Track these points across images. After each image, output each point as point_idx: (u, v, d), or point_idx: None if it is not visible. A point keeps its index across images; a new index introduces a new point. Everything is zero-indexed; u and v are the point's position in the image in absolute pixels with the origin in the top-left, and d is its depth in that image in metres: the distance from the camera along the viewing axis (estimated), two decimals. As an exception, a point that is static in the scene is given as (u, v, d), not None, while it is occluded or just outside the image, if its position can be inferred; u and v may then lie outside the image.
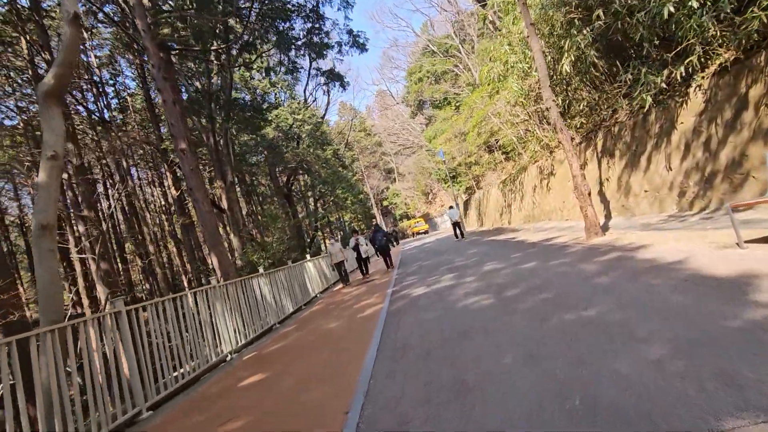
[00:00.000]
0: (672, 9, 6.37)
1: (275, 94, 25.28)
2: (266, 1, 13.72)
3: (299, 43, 15.38)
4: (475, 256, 9.84)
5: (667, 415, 1.66)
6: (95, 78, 19.30)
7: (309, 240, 30.53)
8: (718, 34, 6.27)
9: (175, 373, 5.08)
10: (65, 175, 13.37)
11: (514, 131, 19.24)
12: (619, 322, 2.84)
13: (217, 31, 14.46)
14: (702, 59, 6.69)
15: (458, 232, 18.57)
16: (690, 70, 6.78)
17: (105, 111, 17.98)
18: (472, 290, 5.56)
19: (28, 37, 12.68)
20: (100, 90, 18.34)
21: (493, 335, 3.32)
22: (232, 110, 17.40)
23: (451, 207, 19.28)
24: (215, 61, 15.11)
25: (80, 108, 18.00)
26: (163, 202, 23.22)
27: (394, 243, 45.78)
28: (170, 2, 13.78)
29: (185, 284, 22.36)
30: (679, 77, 6.87)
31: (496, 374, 2.54)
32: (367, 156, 61.63)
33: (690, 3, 6.20)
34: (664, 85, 7.26)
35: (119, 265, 17.93)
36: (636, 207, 8.81)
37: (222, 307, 6.59)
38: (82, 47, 17.93)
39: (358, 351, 4.11)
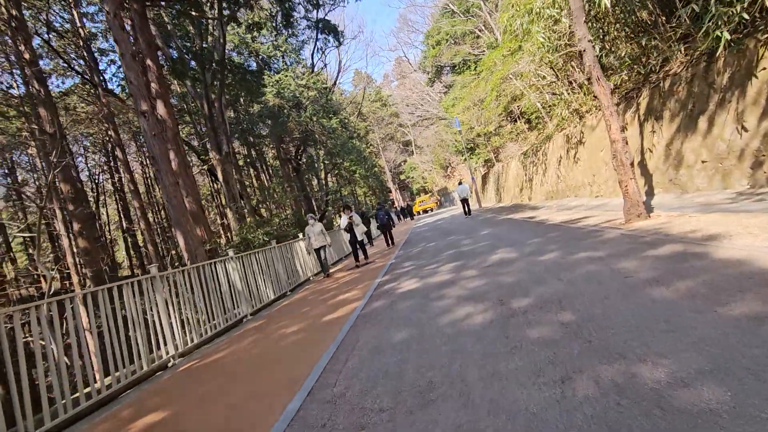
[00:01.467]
0: None
1: (282, 58, 23.56)
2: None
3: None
4: (487, 239, 8.34)
5: None
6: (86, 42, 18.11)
7: (319, 215, 29.51)
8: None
9: (81, 392, 3.95)
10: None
11: (538, 96, 17.11)
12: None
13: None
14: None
15: (466, 209, 18.10)
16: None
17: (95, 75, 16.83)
18: (468, 293, 4.14)
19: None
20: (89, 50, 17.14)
21: (469, 410, 1.92)
22: (225, 72, 15.95)
23: (460, 183, 18.59)
24: (202, 15, 13.57)
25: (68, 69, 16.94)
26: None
27: (411, 218, 44.49)
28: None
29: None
30: (770, 1, 4.99)
31: None
32: (384, 127, 59.41)
33: None
34: (745, 16, 5.37)
35: (108, 242, 17.23)
36: (689, 182, 7.04)
37: (167, 301, 5.42)
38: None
39: (283, 392, 2.82)
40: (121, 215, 22.76)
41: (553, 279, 3.73)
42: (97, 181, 27.41)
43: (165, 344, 5.29)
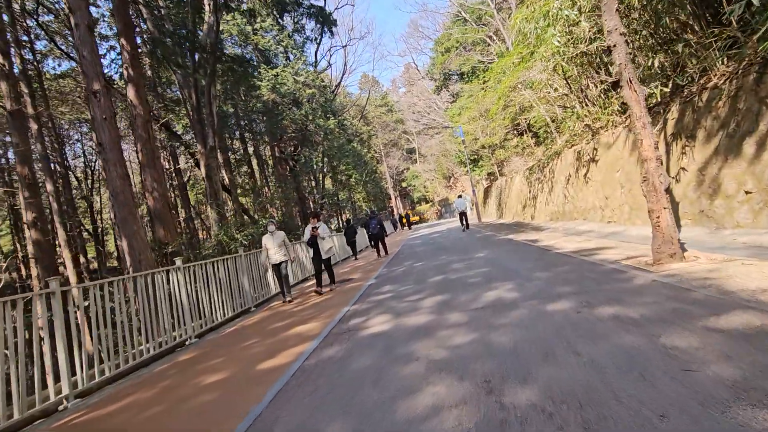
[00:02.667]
0: None
1: (285, 54, 22.49)
2: None
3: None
4: (482, 264, 7.17)
5: None
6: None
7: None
8: None
9: None
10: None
11: (548, 109, 16.03)
12: None
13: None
14: None
15: (464, 222, 18.01)
16: None
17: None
18: (445, 358, 2.96)
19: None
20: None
21: None
22: (217, 61, 14.89)
23: (459, 196, 18.58)
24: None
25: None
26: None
27: (409, 227, 43.30)
28: None
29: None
30: None
31: None
32: (388, 133, 58.47)
33: None
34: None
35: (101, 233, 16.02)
36: (726, 215, 5.87)
37: (69, 322, 4.25)
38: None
39: None
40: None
41: (567, 352, 2.56)
42: (92, 167, 26.30)
43: (57, 381, 4.11)
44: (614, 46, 4.69)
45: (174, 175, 23.23)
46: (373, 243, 14.88)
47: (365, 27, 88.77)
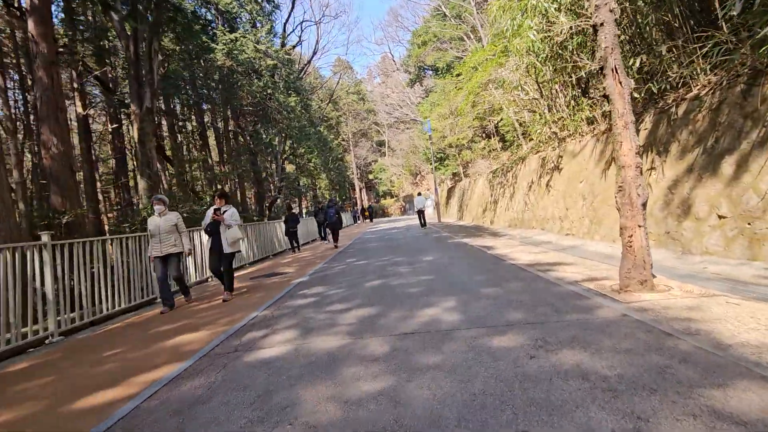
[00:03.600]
0: None
1: (252, 19, 20.55)
2: None
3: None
4: (428, 270, 6.31)
5: None
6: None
7: (269, 202, 26.60)
8: None
9: None
10: None
11: (516, 113, 15.53)
12: None
13: None
14: None
15: (421, 220, 18.00)
16: None
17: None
18: (338, 416, 1.99)
19: None
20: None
21: None
22: (160, 9, 13.04)
23: (419, 194, 18.81)
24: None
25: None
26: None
27: (370, 220, 42.39)
28: None
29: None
30: None
31: None
32: (358, 122, 56.98)
33: None
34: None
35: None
36: (695, 240, 5.34)
37: None
38: None
39: None
40: None
41: (514, 423, 1.66)
42: None
43: None
44: (601, 24, 3.88)
45: (112, 137, 20.83)
46: (326, 232, 13.91)
47: (342, 6, 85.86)
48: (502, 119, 18.48)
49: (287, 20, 24.90)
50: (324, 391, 2.30)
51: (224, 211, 5.87)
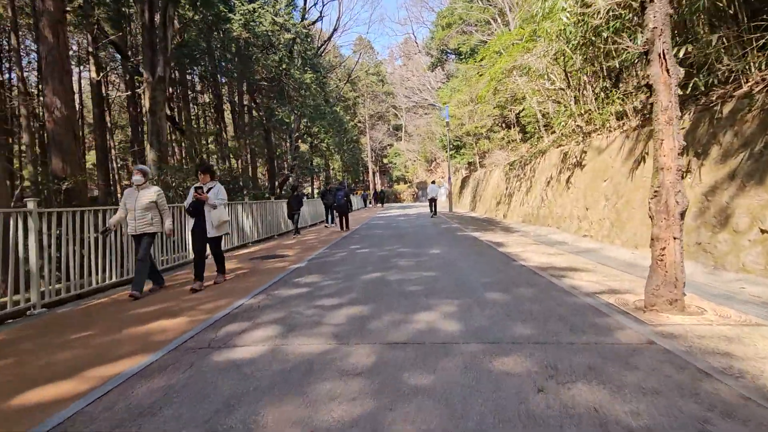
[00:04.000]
0: None
1: None
2: None
3: None
4: (433, 265, 5.93)
5: None
6: None
7: (280, 181, 26.36)
8: None
9: None
10: None
11: (540, 103, 14.76)
12: None
13: None
14: None
15: (433, 209, 17.76)
16: None
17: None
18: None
19: None
20: None
21: None
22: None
23: (433, 182, 19.10)
24: None
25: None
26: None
27: (381, 204, 42.03)
28: None
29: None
30: None
31: None
32: (376, 105, 55.97)
33: None
34: None
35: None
36: (731, 254, 4.81)
37: None
38: None
39: None
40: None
41: None
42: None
43: None
44: (650, 1, 3.33)
45: (127, 104, 20.71)
46: (334, 215, 13.66)
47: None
48: (524, 109, 17.70)
49: (309, -6, 24.01)
50: (291, 411, 1.96)
51: (209, 189, 5.18)
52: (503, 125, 26.81)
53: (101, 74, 14.93)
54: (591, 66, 9.94)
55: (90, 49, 14.96)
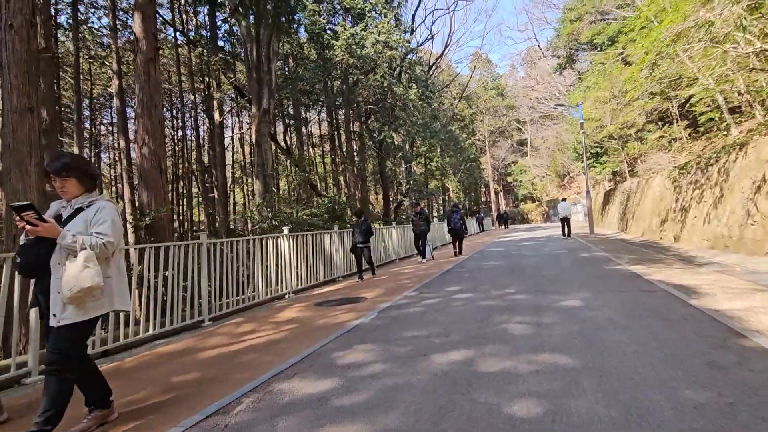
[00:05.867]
0: None
1: (376, 11, 19.41)
2: None
3: None
4: (565, 338, 3.49)
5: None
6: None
7: (394, 206, 25.63)
8: None
9: None
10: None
11: (720, 83, 10.42)
12: None
13: None
14: None
15: (566, 230, 16.13)
16: None
17: None
18: None
19: None
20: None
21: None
22: (282, 8, 12.83)
23: (563, 199, 16.91)
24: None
25: None
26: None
27: (505, 226, 38.21)
28: None
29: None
30: None
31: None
32: (496, 119, 52.40)
33: None
34: None
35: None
36: None
37: None
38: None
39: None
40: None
41: None
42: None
43: None
44: None
45: (238, 139, 22.60)
46: (424, 245, 12.03)
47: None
48: (692, 96, 13.10)
49: (416, 11, 23.44)
50: None
51: (76, 210, 2.27)
52: (659, 121, 21.24)
53: (223, 116, 16.29)
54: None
55: (216, 95, 16.50)
